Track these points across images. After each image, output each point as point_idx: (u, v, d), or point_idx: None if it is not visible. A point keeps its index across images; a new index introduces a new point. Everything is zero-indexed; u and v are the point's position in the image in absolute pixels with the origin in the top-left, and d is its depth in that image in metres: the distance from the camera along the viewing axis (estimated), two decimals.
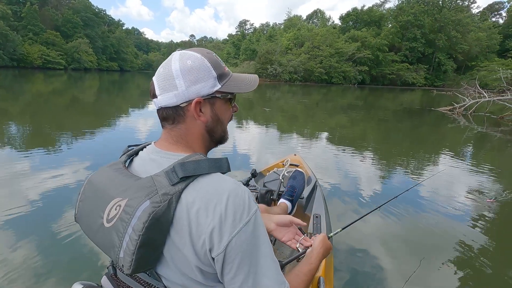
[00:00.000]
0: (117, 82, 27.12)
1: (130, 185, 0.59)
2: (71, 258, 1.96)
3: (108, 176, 0.65)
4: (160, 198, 0.55)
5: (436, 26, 43.46)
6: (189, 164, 0.58)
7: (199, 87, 0.64)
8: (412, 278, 1.98)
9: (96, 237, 0.63)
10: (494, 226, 2.79)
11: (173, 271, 0.59)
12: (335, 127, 8.38)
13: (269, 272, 0.58)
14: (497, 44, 46.35)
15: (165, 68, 0.65)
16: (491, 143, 7.15)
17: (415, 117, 11.82)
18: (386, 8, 54.41)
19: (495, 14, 57.65)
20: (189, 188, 0.57)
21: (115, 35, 63.74)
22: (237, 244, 0.55)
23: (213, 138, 0.71)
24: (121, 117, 8.22)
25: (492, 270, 2.11)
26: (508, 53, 43.02)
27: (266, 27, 66.53)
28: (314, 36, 44.24)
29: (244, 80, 0.73)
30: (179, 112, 0.65)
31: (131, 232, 0.54)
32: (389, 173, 4.38)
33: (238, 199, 0.57)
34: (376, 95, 25.10)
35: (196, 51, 0.66)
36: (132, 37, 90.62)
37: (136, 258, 0.54)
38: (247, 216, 0.57)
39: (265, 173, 2.24)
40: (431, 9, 43.80)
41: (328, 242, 0.94)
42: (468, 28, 43.98)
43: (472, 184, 3.93)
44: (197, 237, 0.55)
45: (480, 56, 45.98)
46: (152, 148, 0.69)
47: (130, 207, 0.55)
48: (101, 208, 0.61)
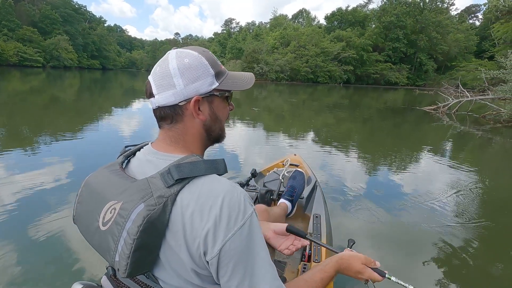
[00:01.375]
0: (99, 80, 26.31)
1: (126, 187, 0.59)
2: (71, 258, 1.95)
3: (104, 177, 0.65)
4: (155, 201, 0.54)
5: (418, 27, 44.64)
6: (184, 165, 0.58)
7: (198, 85, 0.64)
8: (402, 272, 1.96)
9: (92, 239, 0.63)
10: (474, 221, 2.85)
11: (169, 274, 0.58)
12: (322, 126, 8.41)
13: (266, 276, 0.57)
14: (474, 45, 48.16)
15: (162, 67, 0.64)
16: (473, 141, 7.37)
17: (403, 116, 12.09)
18: (369, 8, 55.50)
19: (472, 16, 59.93)
20: (184, 190, 0.56)
21: (96, 32, 61.90)
22: (232, 248, 0.54)
23: (211, 137, 0.71)
24: (104, 117, 7.92)
25: (473, 262, 2.19)
26: (484, 54, 44.94)
27: (252, 26, 66.39)
28: (300, 35, 44.50)
29: (241, 78, 0.73)
30: (177, 111, 0.65)
31: (126, 236, 0.54)
32: (387, 171, 4.45)
33: (233, 202, 0.56)
34: (361, 94, 25.53)
35: (192, 49, 0.66)
36: (114, 34, 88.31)
37: (131, 262, 0.53)
38: (242, 219, 0.56)
39: (265, 173, 2.23)
40: (412, 10, 44.93)
41: (361, 267, 0.84)
42: (447, 29, 45.42)
43: (454, 180, 4.01)
44: (192, 240, 0.55)
45: (459, 56, 47.64)
46: (149, 149, 0.68)
47: (125, 211, 0.55)
48: (97, 210, 0.61)
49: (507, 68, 8.02)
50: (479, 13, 58.01)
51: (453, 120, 10.22)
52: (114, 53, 71.43)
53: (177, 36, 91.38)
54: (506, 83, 7.97)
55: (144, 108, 10.19)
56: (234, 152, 4.77)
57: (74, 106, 9.74)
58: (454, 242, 2.40)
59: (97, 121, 7.17)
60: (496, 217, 3.05)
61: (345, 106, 15.07)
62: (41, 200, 2.75)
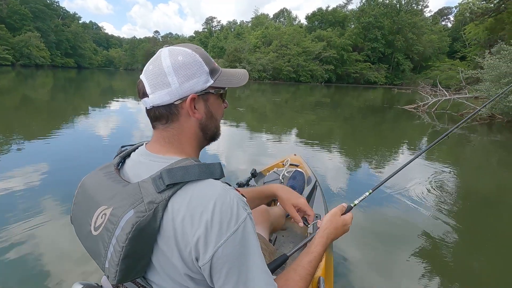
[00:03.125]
0: (74, 80, 25.18)
1: (117, 192, 0.58)
2: (71, 258, 1.93)
3: (98, 180, 0.64)
4: (145, 207, 0.53)
5: (395, 28, 46.11)
6: (176, 170, 0.56)
7: (193, 83, 0.62)
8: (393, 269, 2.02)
9: (85, 243, 0.62)
10: (452, 215, 2.97)
11: (163, 278, 0.58)
12: (305, 125, 8.41)
13: (260, 282, 0.56)
14: (447, 46, 50.54)
15: (155, 65, 0.62)
16: (452, 138, 7.61)
17: (387, 115, 12.34)
18: (349, 9, 56.75)
19: (445, 18, 62.65)
20: (176, 196, 0.55)
21: (70, 29, 59.21)
22: (224, 254, 0.53)
23: (207, 136, 0.70)
24: (80, 118, 7.49)
25: (452, 255, 2.30)
26: (456, 54, 47.24)
27: (234, 24, 66.03)
28: (282, 35, 44.72)
29: (235, 75, 0.72)
30: (172, 110, 0.63)
31: (115, 243, 0.53)
32: (383, 168, 4.55)
33: (226, 207, 0.54)
34: (342, 93, 26.01)
35: (185, 47, 0.65)
36: (90, 31, 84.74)
37: (120, 269, 0.53)
38: (235, 225, 0.54)
39: (265, 173, 2.23)
40: (389, 11, 46.37)
41: (341, 219, 0.87)
42: (422, 30, 47.27)
43: (433, 176, 4.09)
44: (184, 246, 0.53)
45: (433, 56, 49.80)
46: (143, 150, 0.67)
47: (115, 217, 0.54)
48: (89, 214, 0.60)
49: (485, 68, 8.35)
50: (451, 15, 60.83)
51: (432, 118, 10.53)
52: (90, 51, 68.69)
53: (156, 34, 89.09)
54: (483, 82, 8.30)
55: (123, 107, 9.79)
56: (221, 153, 4.63)
57: (47, 107, 9.18)
58: (434, 236, 2.49)
59: (73, 122, 6.76)
60: (472, 211, 3.22)
61: (327, 104, 15.26)
62: (39, 201, 2.68)
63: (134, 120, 7.66)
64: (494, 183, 4.31)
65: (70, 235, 2.18)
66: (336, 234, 0.85)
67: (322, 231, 0.83)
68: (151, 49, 67.80)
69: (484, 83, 8.33)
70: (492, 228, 2.83)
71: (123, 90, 17.70)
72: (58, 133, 5.55)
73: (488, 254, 2.34)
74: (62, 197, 2.76)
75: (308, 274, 0.72)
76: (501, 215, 3.15)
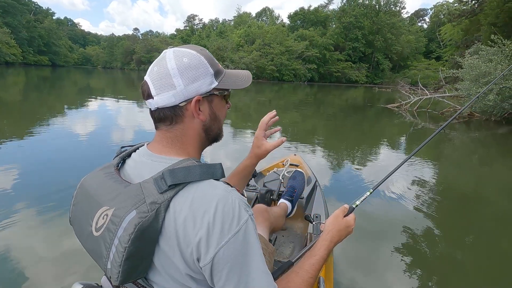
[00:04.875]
0: (48, 78, 24.00)
1: (118, 192, 0.58)
2: (71, 258, 1.94)
3: (98, 181, 0.64)
4: (148, 207, 0.53)
5: (374, 28, 47.19)
6: (179, 170, 0.57)
7: (198, 85, 0.63)
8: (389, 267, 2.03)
9: (86, 244, 0.62)
10: (432, 210, 3.10)
11: (164, 278, 0.58)
12: (289, 123, 8.36)
13: (261, 283, 0.56)
14: (423, 46, 52.44)
15: (160, 67, 0.62)
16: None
17: (371, 114, 12.55)
18: (330, 9, 57.51)
19: (421, 19, 64.95)
20: (178, 196, 0.55)
21: (43, 25, 56.23)
22: (225, 255, 0.53)
23: (209, 137, 0.70)
24: (55, 118, 7.06)
25: (432, 248, 2.42)
26: (431, 54, 49.15)
27: (216, 23, 65.38)
28: (265, 33, 44.68)
29: (239, 76, 0.72)
30: (177, 112, 0.63)
31: (117, 244, 0.53)
32: (378, 166, 4.58)
33: (228, 208, 0.55)
34: (324, 92, 26.36)
35: (190, 48, 0.65)
36: (65, 28, 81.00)
37: (123, 270, 0.53)
38: (237, 226, 0.54)
39: (265, 173, 2.24)
40: (369, 12, 47.38)
41: (343, 221, 0.86)
42: (400, 31, 48.68)
43: (414, 173, 4.19)
44: (185, 247, 0.54)
45: (410, 56, 51.49)
46: (144, 151, 0.67)
47: (117, 217, 0.54)
48: (90, 215, 0.60)
49: (464, 68, 8.62)
50: (427, 17, 63.16)
51: (414, 117, 10.79)
52: (65, 49, 65.61)
53: (136, 32, 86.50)
54: (463, 81, 8.57)
55: (102, 107, 9.37)
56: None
57: (19, 107, 8.62)
58: (415, 230, 2.60)
59: (47, 123, 6.35)
60: (451, 206, 3.36)
61: (311, 103, 15.38)
62: None
63: (113, 120, 7.32)
64: (473, 179, 4.50)
65: (40, 237, 2.21)
66: (339, 237, 0.83)
67: (325, 234, 0.82)
68: (131, 47, 65.88)
69: (464, 82, 8.58)
70: (471, 222, 3.00)
71: (102, 89, 17.07)
72: (31, 135, 5.17)
73: (465, 247, 2.50)
74: (34, 200, 2.70)
75: (310, 277, 0.71)
76: (481, 210, 3.30)
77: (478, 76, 7.87)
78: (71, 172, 3.50)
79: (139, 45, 63.00)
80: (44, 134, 5.40)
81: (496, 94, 6.94)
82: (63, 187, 2.98)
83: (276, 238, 1.56)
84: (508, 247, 2.52)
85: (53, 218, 2.44)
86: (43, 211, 2.53)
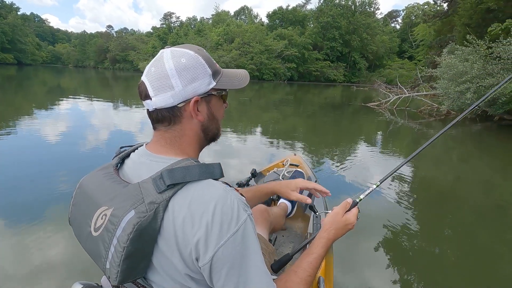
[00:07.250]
0: (14, 78, 22.42)
1: (117, 192, 0.58)
2: (71, 258, 1.94)
3: (97, 181, 0.64)
4: (146, 207, 0.53)
5: (351, 28, 48.33)
6: (177, 170, 0.57)
7: (196, 86, 0.62)
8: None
9: (85, 244, 0.62)
10: (411, 206, 3.18)
11: (163, 278, 0.58)
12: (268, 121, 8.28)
13: (260, 284, 0.56)
14: (397, 46, 54.48)
15: (158, 67, 0.62)
16: (410, 134, 8.03)
17: (350, 112, 12.73)
18: (308, 9, 58.25)
19: (394, 20, 67.35)
20: (177, 196, 0.55)
21: (7, 22, 52.50)
22: (224, 255, 0.53)
23: (207, 137, 0.70)
24: (22, 120, 6.51)
25: (413, 244, 2.48)
26: (404, 54, 51.20)
27: (194, 21, 64.22)
28: (244, 32, 44.40)
29: (236, 76, 0.72)
30: (175, 112, 0.63)
31: (116, 244, 0.53)
32: (378, 163, 4.67)
33: (226, 208, 0.55)
34: (304, 91, 26.62)
35: (187, 48, 0.64)
36: (31, 24, 76.24)
37: (122, 269, 0.53)
38: (236, 226, 0.55)
39: (265, 173, 2.23)
40: (346, 12, 48.46)
41: (342, 219, 0.85)
42: (375, 31, 50.25)
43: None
44: (184, 247, 0.54)
45: (385, 56, 53.30)
46: (143, 151, 0.67)
47: (115, 217, 0.54)
48: (89, 215, 0.60)
49: (442, 67, 8.90)
50: (399, 18, 65.53)
51: (394, 115, 11.07)
52: (32, 46, 61.75)
53: (110, 29, 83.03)
54: (441, 80, 8.86)
55: (74, 108, 8.81)
56: None
57: None
58: (395, 226, 2.66)
59: (14, 126, 5.85)
60: (430, 202, 3.46)
61: (290, 101, 15.52)
62: None
63: (86, 122, 6.87)
64: (452, 175, 4.61)
65: (40, 238, 2.15)
66: (336, 235, 0.82)
67: (323, 232, 0.82)
68: (104, 45, 63.21)
69: (442, 81, 8.86)
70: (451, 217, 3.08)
71: (73, 89, 16.19)
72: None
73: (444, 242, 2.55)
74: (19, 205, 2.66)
75: (309, 276, 0.72)
76: (460, 206, 3.41)
77: (455, 75, 8.14)
78: (41, 174, 3.30)
79: (114, 43, 60.59)
80: (8, 137, 4.93)
81: (473, 92, 7.19)
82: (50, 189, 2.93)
83: (276, 238, 1.56)
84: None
85: (49, 219, 2.41)
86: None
